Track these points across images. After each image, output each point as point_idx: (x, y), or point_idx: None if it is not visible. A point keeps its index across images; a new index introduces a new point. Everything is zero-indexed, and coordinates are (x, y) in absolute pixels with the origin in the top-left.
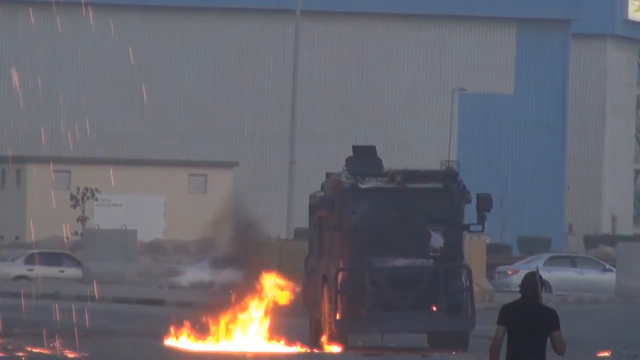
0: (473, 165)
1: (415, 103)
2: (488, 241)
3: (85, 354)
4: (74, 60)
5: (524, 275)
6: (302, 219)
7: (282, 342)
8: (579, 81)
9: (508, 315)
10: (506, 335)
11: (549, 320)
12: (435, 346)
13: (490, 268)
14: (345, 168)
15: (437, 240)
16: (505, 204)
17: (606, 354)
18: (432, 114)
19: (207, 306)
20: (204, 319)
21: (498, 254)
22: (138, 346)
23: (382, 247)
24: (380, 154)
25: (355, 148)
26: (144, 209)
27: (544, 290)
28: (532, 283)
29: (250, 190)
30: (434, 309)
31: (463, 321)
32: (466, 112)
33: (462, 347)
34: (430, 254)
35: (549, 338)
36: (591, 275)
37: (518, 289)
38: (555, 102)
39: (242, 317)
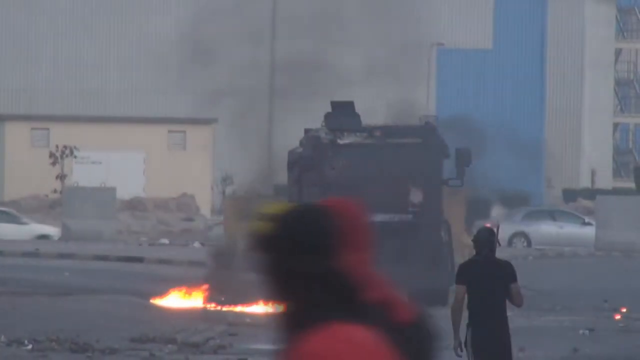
0: (451, 120)
1: (394, 58)
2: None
3: (66, 311)
4: (51, 16)
5: (477, 231)
6: (282, 176)
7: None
8: (557, 35)
9: (466, 273)
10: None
11: (506, 273)
12: (415, 301)
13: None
14: (323, 124)
15: (416, 195)
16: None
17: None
18: (410, 69)
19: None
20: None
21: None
22: (117, 303)
23: (361, 203)
24: (358, 109)
25: (334, 103)
26: (123, 166)
27: (498, 245)
28: (488, 242)
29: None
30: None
31: (442, 276)
32: (444, 68)
33: (442, 302)
34: (409, 209)
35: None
36: (570, 229)
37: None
38: (534, 56)
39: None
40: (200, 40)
